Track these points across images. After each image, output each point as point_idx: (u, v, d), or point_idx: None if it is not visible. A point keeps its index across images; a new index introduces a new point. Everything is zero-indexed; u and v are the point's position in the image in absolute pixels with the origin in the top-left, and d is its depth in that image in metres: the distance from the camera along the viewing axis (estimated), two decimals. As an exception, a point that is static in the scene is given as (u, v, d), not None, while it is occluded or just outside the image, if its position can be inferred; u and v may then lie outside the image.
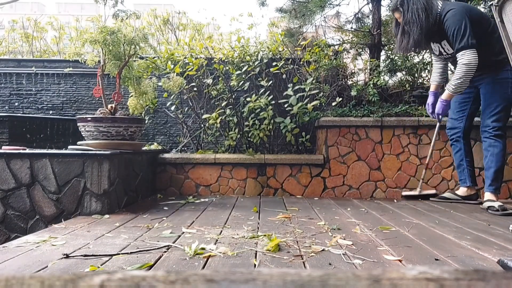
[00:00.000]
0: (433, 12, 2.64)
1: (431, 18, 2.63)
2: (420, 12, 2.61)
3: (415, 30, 2.63)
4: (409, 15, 2.65)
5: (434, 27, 2.66)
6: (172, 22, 5.16)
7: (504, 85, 2.65)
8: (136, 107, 3.05)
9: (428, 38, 2.74)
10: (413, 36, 2.66)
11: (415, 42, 2.67)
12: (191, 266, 1.36)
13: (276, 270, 0.33)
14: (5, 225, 2.32)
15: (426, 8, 2.62)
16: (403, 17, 2.70)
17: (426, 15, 2.62)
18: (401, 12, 2.70)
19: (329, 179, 3.37)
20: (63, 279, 0.32)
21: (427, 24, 2.63)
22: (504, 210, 2.50)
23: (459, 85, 2.61)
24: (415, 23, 2.63)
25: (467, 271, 0.33)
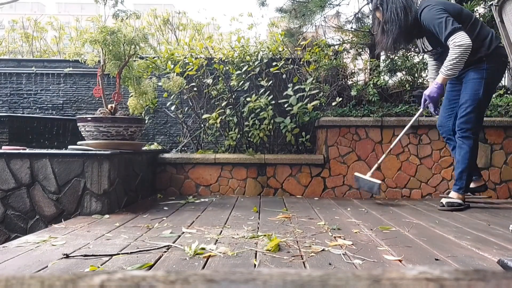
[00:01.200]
0: (412, 11, 2.65)
1: (410, 17, 2.64)
2: (399, 11, 2.62)
3: (394, 29, 2.65)
4: (388, 14, 2.66)
5: (414, 26, 2.66)
6: (172, 22, 5.16)
7: (476, 85, 2.61)
8: (136, 107, 3.05)
9: (408, 36, 2.75)
10: (392, 35, 2.67)
11: (395, 40, 2.69)
12: (191, 266, 1.35)
13: (276, 270, 0.33)
14: (5, 225, 2.32)
15: (405, 7, 2.63)
16: (382, 16, 2.71)
17: (405, 13, 2.63)
18: (381, 11, 2.72)
19: (329, 179, 3.37)
20: (63, 279, 0.32)
21: (406, 23, 2.64)
22: (451, 206, 2.64)
23: (453, 67, 2.50)
24: (394, 22, 2.64)
25: (467, 271, 0.33)
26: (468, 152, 2.65)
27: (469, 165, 2.67)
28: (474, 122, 2.64)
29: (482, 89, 2.59)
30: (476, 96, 2.60)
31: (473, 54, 2.51)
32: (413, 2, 2.68)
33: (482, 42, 2.57)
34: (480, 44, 2.56)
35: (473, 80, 2.61)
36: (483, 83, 2.58)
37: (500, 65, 2.63)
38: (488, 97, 2.72)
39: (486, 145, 3.33)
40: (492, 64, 2.57)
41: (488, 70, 2.57)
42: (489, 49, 2.56)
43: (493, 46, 2.56)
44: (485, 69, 2.57)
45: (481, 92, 2.59)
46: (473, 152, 2.68)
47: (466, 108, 2.63)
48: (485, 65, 2.57)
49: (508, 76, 4.37)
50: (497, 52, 2.56)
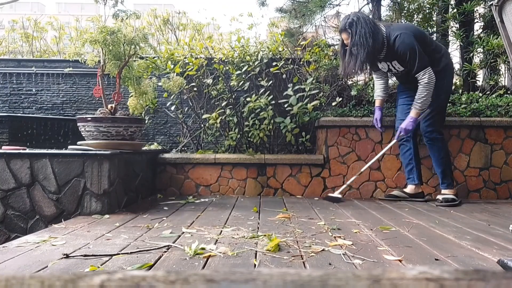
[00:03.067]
0: (379, 37, 2.77)
1: (377, 43, 2.76)
2: (368, 36, 2.72)
3: (362, 53, 2.74)
4: (357, 37, 2.74)
5: (380, 50, 2.81)
6: (172, 22, 5.17)
7: (438, 91, 2.81)
8: (136, 107, 3.05)
9: (374, 60, 2.91)
10: (360, 58, 2.76)
11: (362, 64, 2.80)
12: (191, 266, 1.35)
13: (276, 270, 0.33)
14: (5, 225, 2.32)
15: (373, 33, 2.74)
16: (351, 39, 2.78)
17: (373, 40, 2.73)
18: (349, 33, 2.78)
19: (329, 179, 3.37)
20: (63, 279, 0.32)
21: (373, 49, 2.75)
22: (447, 201, 2.82)
23: (424, 102, 2.79)
24: (362, 46, 2.73)
25: (467, 271, 0.33)
26: (441, 152, 2.90)
27: (446, 161, 2.92)
28: (438, 123, 2.90)
29: (443, 95, 2.89)
30: (438, 101, 2.86)
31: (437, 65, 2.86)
32: (379, 28, 2.80)
33: (441, 53, 2.89)
34: (441, 55, 2.88)
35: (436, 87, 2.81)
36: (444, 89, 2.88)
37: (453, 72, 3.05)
38: (447, 99, 3.03)
39: (486, 145, 3.33)
40: (450, 71, 2.92)
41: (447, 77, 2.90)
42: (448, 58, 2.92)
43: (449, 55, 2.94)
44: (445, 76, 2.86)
45: (441, 97, 2.88)
46: (445, 150, 2.94)
47: (429, 113, 2.87)
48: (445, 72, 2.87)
49: (508, 76, 4.37)
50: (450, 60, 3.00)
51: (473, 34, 3.96)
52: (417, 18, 4.31)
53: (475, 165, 3.33)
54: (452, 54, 4.34)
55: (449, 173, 2.93)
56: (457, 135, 3.33)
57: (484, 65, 3.89)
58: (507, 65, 3.94)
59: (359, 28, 2.72)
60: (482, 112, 3.36)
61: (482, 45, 3.69)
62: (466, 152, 3.33)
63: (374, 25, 2.77)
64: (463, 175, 3.33)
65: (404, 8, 4.21)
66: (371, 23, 2.77)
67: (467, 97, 3.52)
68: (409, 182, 3.07)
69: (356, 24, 2.74)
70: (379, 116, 3.08)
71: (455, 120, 3.30)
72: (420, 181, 3.05)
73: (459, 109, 3.39)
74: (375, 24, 2.81)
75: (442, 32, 4.13)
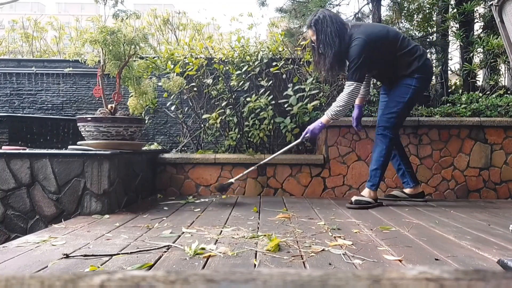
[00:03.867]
0: (346, 38, 2.68)
1: (343, 43, 2.67)
2: (334, 36, 2.65)
3: (329, 52, 2.68)
4: (323, 36, 2.69)
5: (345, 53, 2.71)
6: (172, 22, 5.17)
7: (405, 89, 2.75)
8: (136, 107, 3.05)
9: (342, 62, 2.78)
10: (328, 58, 2.70)
11: (331, 64, 2.72)
12: (191, 266, 1.35)
13: (276, 270, 0.33)
14: (5, 225, 2.32)
15: (339, 33, 2.67)
16: (317, 38, 2.73)
17: (339, 40, 2.66)
18: (314, 31, 2.73)
19: (329, 179, 3.37)
20: (63, 279, 0.32)
21: (339, 49, 2.67)
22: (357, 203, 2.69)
23: (339, 112, 2.71)
24: (329, 46, 2.67)
25: (467, 271, 0.33)
26: (384, 150, 2.77)
27: (384, 163, 2.79)
28: (394, 123, 2.78)
29: (409, 95, 2.75)
30: (401, 100, 2.76)
31: (406, 69, 2.73)
32: (346, 29, 2.71)
33: (414, 56, 2.74)
34: (413, 58, 2.74)
35: (404, 85, 2.76)
36: (411, 89, 2.75)
37: (429, 75, 2.84)
38: (412, 103, 2.89)
39: (486, 145, 3.33)
40: (422, 75, 2.76)
41: (419, 79, 2.74)
42: (420, 62, 2.74)
43: (423, 59, 2.76)
44: (416, 78, 2.73)
45: (407, 97, 2.75)
46: (389, 151, 2.81)
47: (391, 108, 2.79)
48: (417, 75, 2.74)
49: (508, 76, 4.37)
50: (426, 63, 2.78)
51: (473, 34, 3.96)
52: (417, 18, 4.31)
53: (475, 165, 3.33)
54: (452, 54, 4.35)
55: (379, 175, 2.78)
56: (457, 135, 3.33)
57: (484, 65, 3.89)
58: (507, 65, 3.94)
59: (325, 27, 2.66)
60: (482, 112, 3.36)
61: (482, 45, 3.69)
62: (466, 152, 3.33)
63: (341, 25, 2.69)
64: (463, 175, 3.33)
65: (404, 8, 4.21)
66: (338, 23, 2.68)
67: (467, 97, 3.53)
68: (404, 186, 3.01)
69: (321, 22, 2.68)
70: (356, 114, 3.00)
71: (455, 120, 3.30)
72: (416, 182, 2.98)
73: (459, 109, 3.39)
74: (343, 23, 2.73)
75: (442, 32, 4.14)
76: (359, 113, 3.00)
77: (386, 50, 2.72)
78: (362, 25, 2.85)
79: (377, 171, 2.77)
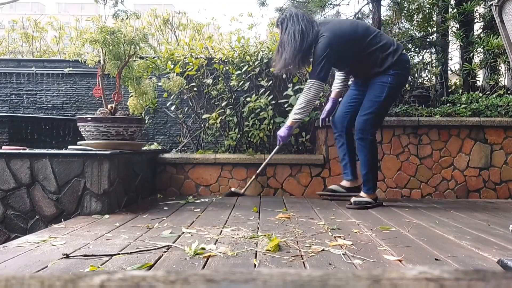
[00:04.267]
0: (310, 37, 2.64)
1: (306, 43, 2.64)
2: (296, 35, 2.62)
3: (288, 50, 2.64)
4: (286, 35, 2.66)
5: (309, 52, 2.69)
6: (172, 22, 5.17)
7: (380, 88, 2.67)
8: (136, 107, 3.05)
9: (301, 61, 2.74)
10: (285, 56, 2.66)
11: (286, 63, 2.68)
12: (191, 266, 1.35)
13: (276, 270, 0.33)
14: (5, 225, 2.32)
15: (303, 32, 2.63)
16: (280, 36, 2.72)
17: (301, 39, 2.62)
18: (280, 30, 2.72)
19: (329, 179, 3.37)
20: (63, 279, 0.32)
21: (300, 48, 2.64)
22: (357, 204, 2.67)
23: (302, 113, 2.70)
24: (289, 44, 2.64)
25: (467, 271, 0.33)
26: (368, 154, 2.72)
27: (372, 164, 2.74)
28: (372, 124, 2.71)
29: (385, 93, 2.67)
30: (378, 99, 2.68)
31: (380, 65, 2.65)
32: (313, 27, 2.67)
33: (387, 52, 2.66)
34: (386, 54, 2.67)
35: (379, 84, 2.68)
36: (387, 87, 2.67)
37: (405, 70, 2.74)
38: (390, 101, 2.82)
39: (486, 145, 3.33)
40: (397, 71, 2.67)
41: (394, 75, 2.67)
42: (394, 58, 2.66)
43: (398, 54, 2.67)
44: (391, 74, 2.66)
45: (383, 96, 2.67)
46: (373, 152, 2.75)
47: (367, 109, 2.71)
48: (392, 71, 2.66)
49: (508, 76, 4.37)
50: (401, 59, 2.68)
51: (473, 34, 3.96)
52: (417, 18, 4.31)
53: (475, 165, 3.33)
54: (452, 54, 4.35)
55: (371, 177, 2.74)
56: (457, 135, 3.33)
57: (484, 65, 3.90)
58: (507, 65, 3.94)
59: (290, 26, 2.64)
60: (482, 112, 3.36)
61: (482, 45, 3.70)
62: (466, 152, 3.33)
63: (308, 24, 2.64)
64: (463, 175, 3.33)
65: (404, 8, 4.21)
66: (306, 21, 2.64)
67: (467, 97, 3.53)
68: (344, 177, 2.97)
69: (287, 21, 2.66)
70: (328, 107, 2.97)
71: (455, 120, 3.30)
72: (354, 176, 2.92)
73: (459, 109, 3.39)
74: (311, 22, 2.68)
75: (442, 32, 4.14)
76: (331, 107, 2.96)
77: (356, 46, 2.65)
78: (330, 22, 2.78)
79: (369, 175, 2.74)
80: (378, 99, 2.67)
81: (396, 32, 4.48)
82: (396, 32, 4.48)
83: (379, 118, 2.77)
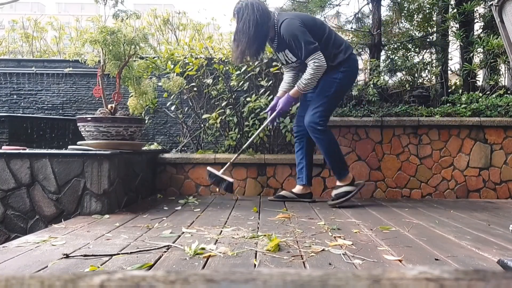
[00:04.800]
0: (264, 27, 2.66)
1: (261, 32, 2.66)
2: (251, 25, 2.63)
3: (243, 41, 2.66)
4: (241, 24, 2.68)
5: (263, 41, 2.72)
6: (172, 22, 5.16)
7: (330, 83, 2.71)
8: (136, 107, 3.05)
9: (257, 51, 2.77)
10: (241, 46, 2.68)
11: (242, 53, 2.70)
12: (191, 266, 1.35)
13: (276, 270, 0.33)
14: (5, 225, 2.32)
15: (258, 23, 2.65)
16: (236, 26, 2.73)
17: (255, 29, 2.64)
18: (235, 19, 2.73)
19: (329, 179, 3.37)
20: (63, 279, 0.32)
21: (255, 38, 2.66)
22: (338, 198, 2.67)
23: (309, 84, 2.68)
24: (244, 34, 2.65)
25: (467, 271, 0.33)
26: (326, 143, 2.72)
27: (335, 151, 2.75)
28: (321, 116, 2.72)
29: (334, 89, 2.71)
30: (327, 93, 2.71)
31: (332, 60, 2.69)
32: (269, 17, 2.69)
33: (339, 49, 2.72)
34: (338, 51, 2.71)
35: (328, 79, 2.71)
36: (336, 83, 2.71)
37: (354, 69, 2.81)
38: (339, 97, 2.87)
39: (486, 145, 3.33)
40: (347, 68, 2.72)
41: (344, 73, 2.71)
42: (345, 55, 2.71)
43: (349, 52, 2.74)
44: (341, 71, 2.71)
45: (332, 90, 2.71)
46: (331, 140, 2.75)
47: (317, 103, 2.73)
48: (342, 68, 2.71)
49: (508, 76, 4.37)
50: (352, 57, 2.77)
51: (473, 34, 3.96)
52: (417, 18, 4.31)
53: (475, 165, 3.33)
54: (452, 54, 4.35)
55: (338, 163, 2.75)
56: (457, 135, 3.33)
57: (484, 65, 3.89)
58: (507, 65, 3.94)
59: (245, 15, 2.65)
60: (482, 112, 3.36)
61: (482, 45, 3.70)
62: (466, 152, 3.33)
63: (263, 14, 2.65)
64: (463, 175, 3.33)
65: (404, 8, 4.21)
66: (261, 11, 2.65)
67: (467, 97, 3.53)
68: (297, 182, 2.96)
69: (242, 11, 2.66)
70: (273, 104, 2.93)
71: (455, 120, 3.30)
72: (309, 182, 2.94)
73: (459, 109, 3.39)
74: (267, 13, 2.69)
75: (442, 32, 4.14)
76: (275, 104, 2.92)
77: (315, 35, 2.66)
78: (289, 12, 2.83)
79: (334, 163, 2.76)
80: (327, 94, 2.71)
81: (396, 32, 4.48)
82: (396, 32, 4.48)
83: (328, 113, 2.79)
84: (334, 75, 2.70)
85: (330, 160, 2.77)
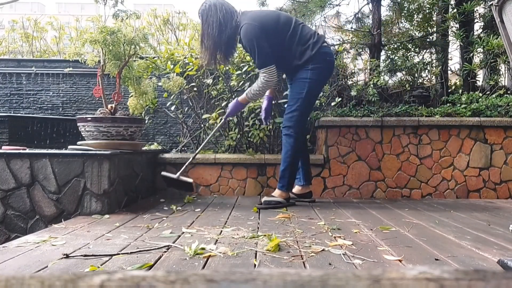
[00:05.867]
0: (228, 28, 2.59)
1: (225, 34, 2.60)
2: (215, 26, 2.57)
3: (209, 43, 2.61)
4: (205, 27, 2.61)
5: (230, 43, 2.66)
6: (172, 22, 5.17)
7: (301, 85, 2.64)
8: (136, 107, 3.05)
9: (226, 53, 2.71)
10: (209, 49, 2.63)
11: (211, 55, 2.64)
12: (191, 266, 1.35)
13: (276, 270, 0.33)
14: (5, 225, 2.32)
15: (221, 24, 2.58)
16: (201, 29, 2.67)
17: (219, 30, 2.58)
18: (200, 21, 2.67)
19: (329, 179, 3.37)
20: (63, 279, 0.32)
21: (220, 40, 2.60)
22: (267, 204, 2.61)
23: (256, 95, 2.65)
24: (210, 37, 2.60)
25: (467, 271, 0.33)
26: (289, 151, 2.68)
27: (291, 162, 2.69)
28: (296, 121, 2.66)
29: (306, 89, 2.63)
30: (300, 96, 2.64)
31: (299, 58, 2.60)
32: (232, 18, 2.61)
33: (306, 45, 2.61)
34: (305, 47, 2.61)
35: (299, 80, 2.65)
36: (307, 83, 2.62)
37: (325, 64, 2.66)
38: (314, 96, 2.77)
39: (486, 145, 3.33)
40: (317, 64, 2.61)
41: (314, 70, 2.61)
42: (313, 51, 2.60)
43: (317, 47, 2.61)
44: (310, 69, 2.61)
45: (304, 92, 2.63)
46: (295, 151, 2.69)
47: (290, 106, 2.68)
48: (310, 65, 2.61)
49: (508, 76, 4.37)
50: (321, 51, 2.61)
51: (473, 34, 3.96)
52: (417, 18, 4.31)
53: (475, 165, 3.33)
54: (452, 54, 4.35)
55: (287, 174, 2.68)
56: (457, 135, 3.33)
57: (484, 65, 3.89)
58: (507, 65, 3.94)
59: (208, 17, 2.58)
60: (482, 112, 3.36)
61: (482, 45, 3.70)
62: (466, 152, 3.33)
63: (226, 14, 2.58)
64: (463, 175, 3.33)
65: (404, 8, 4.21)
66: (224, 12, 2.58)
67: (467, 97, 3.53)
68: (296, 183, 2.89)
69: (206, 13, 2.60)
70: (265, 105, 2.89)
71: (455, 120, 3.30)
72: (307, 181, 2.89)
73: (459, 109, 3.39)
74: (231, 13, 2.61)
75: (442, 32, 4.14)
76: (268, 105, 2.90)
77: (278, 35, 2.59)
78: (251, 11, 2.70)
79: (286, 171, 2.69)
80: (300, 96, 2.64)
81: (396, 32, 4.48)
82: (396, 32, 4.48)
83: (304, 115, 2.72)
84: (304, 75, 2.62)
85: (284, 167, 2.71)
